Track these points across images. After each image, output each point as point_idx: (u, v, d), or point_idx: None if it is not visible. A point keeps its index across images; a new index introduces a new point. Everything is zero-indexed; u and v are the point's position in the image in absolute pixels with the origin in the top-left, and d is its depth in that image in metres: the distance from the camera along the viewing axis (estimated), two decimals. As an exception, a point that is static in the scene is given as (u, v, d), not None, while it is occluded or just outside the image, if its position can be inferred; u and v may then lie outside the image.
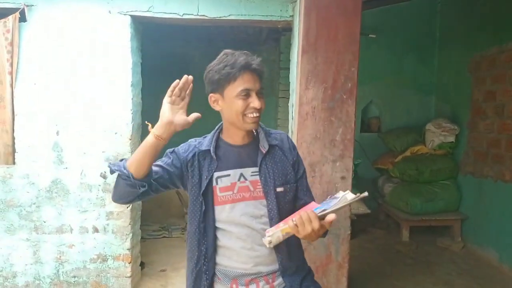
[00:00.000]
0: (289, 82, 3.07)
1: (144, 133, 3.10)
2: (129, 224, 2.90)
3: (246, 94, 1.30)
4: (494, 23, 3.75)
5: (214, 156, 1.37)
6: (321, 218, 1.19)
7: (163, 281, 3.26)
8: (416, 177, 4.34)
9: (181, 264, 3.60)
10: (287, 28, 3.34)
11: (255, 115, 1.32)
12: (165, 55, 5.21)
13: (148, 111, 3.03)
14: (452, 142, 4.31)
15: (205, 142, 1.42)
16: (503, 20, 3.62)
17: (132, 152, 2.85)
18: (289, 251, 1.41)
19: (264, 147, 1.42)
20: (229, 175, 1.38)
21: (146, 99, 3.11)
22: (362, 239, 4.40)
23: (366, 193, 1.24)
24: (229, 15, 2.78)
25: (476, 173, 4.03)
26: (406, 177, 4.42)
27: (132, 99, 2.84)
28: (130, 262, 2.93)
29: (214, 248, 1.38)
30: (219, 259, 1.39)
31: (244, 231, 1.38)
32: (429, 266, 3.69)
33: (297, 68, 2.35)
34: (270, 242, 1.21)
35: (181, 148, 1.42)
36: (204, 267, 1.39)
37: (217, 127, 1.46)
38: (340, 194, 1.30)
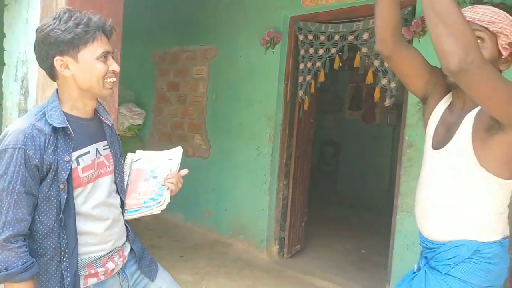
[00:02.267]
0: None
1: None
2: None
3: (105, 56, 1.26)
4: (175, 26, 4.51)
5: (73, 134, 1.21)
6: None
7: None
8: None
9: None
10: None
11: (113, 79, 1.30)
12: None
13: None
14: (140, 124, 4.84)
15: (53, 117, 1.20)
16: (183, 25, 4.44)
17: None
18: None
19: (109, 120, 1.41)
20: (88, 152, 1.28)
21: None
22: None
23: (180, 147, 1.63)
24: None
25: (161, 151, 4.74)
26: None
27: None
28: None
29: (76, 240, 1.22)
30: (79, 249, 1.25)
31: (105, 209, 1.33)
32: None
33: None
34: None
35: (28, 148, 1.14)
36: (64, 263, 1.20)
37: (54, 99, 1.26)
38: (149, 153, 1.61)
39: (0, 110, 2.83)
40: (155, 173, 1.57)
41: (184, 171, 1.55)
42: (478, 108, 1.23)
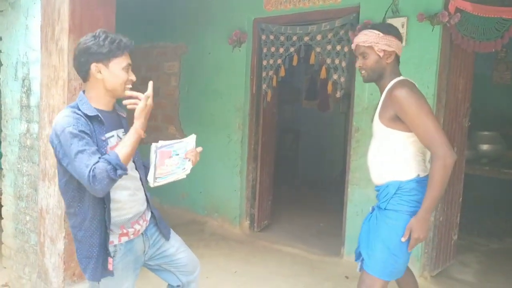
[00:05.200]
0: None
1: None
2: None
3: (128, 68, 1.67)
4: (145, 24, 4.82)
5: (103, 120, 1.62)
6: None
7: None
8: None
9: None
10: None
11: (131, 85, 1.71)
12: None
13: None
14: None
15: (86, 109, 1.61)
16: (152, 23, 4.76)
17: None
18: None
19: (123, 112, 1.81)
20: (113, 135, 1.69)
21: None
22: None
23: (194, 135, 1.95)
24: None
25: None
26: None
27: None
28: None
29: (109, 204, 1.64)
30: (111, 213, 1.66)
31: (128, 180, 1.72)
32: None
33: (56, 45, 2.43)
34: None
35: (79, 125, 1.54)
36: (106, 217, 1.62)
37: (82, 97, 1.66)
38: (163, 142, 1.99)
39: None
40: (177, 152, 1.95)
41: (200, 148, 1.91)
42: (384, 94, 1.87)
